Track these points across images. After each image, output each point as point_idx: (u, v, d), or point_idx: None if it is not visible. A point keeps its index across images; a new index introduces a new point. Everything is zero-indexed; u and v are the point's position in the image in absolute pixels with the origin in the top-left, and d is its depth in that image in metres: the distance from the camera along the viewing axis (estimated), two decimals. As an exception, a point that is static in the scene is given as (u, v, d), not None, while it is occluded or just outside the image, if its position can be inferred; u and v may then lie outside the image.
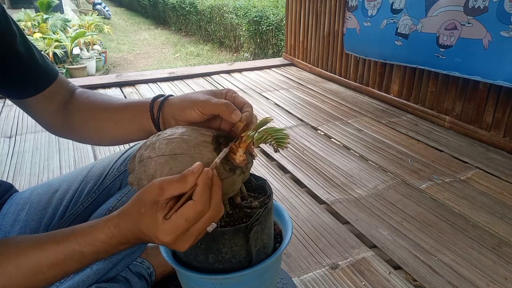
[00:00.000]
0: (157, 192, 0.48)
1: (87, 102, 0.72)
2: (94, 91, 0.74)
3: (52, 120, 0.73)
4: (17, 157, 1.81)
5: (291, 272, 1.09)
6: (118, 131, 0.68)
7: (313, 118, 2.25)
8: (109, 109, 0.69)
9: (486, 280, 1.08)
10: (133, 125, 0.66)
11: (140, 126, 0.65)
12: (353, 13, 2.53)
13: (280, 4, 6.04)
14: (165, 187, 0.48)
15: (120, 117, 0.67)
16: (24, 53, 0.66)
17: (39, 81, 0.69)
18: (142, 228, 0.49)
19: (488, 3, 1.71)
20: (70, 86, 0.75)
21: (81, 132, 0.72)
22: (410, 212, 1.37)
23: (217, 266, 0.60)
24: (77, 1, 11.97)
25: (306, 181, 1.58)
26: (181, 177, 0.48)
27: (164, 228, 0.47)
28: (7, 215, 0.77)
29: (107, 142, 0.72)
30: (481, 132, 1.94)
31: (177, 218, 0.47)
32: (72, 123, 0.72)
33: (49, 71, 0.71)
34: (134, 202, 0.50)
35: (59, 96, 0.72)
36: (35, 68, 0.68)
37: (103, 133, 0.70)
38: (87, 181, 0.82)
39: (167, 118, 0.63)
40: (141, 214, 0.48)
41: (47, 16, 6.51)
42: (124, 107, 0.68)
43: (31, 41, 0.69)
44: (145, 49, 7.79)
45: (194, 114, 0.59)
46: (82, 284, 0.69)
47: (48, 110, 0.72)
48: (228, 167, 0.55)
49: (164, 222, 0.47)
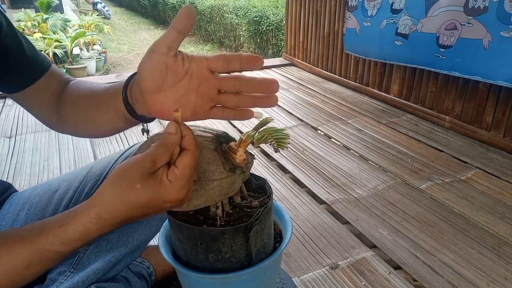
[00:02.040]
0: (150, 165, 0.47)
1: (76, 92, 0.68)
2: (88, 81, 0.70)
3: (48, 114, 0.70)
4: (17, 157, 1.81)
5: (291, 272, 1.09)
6: (100, 118, 0.63)
7: (313, 118, 2.25)
8: (92, 96, 0.64)
9: (486, 280, 1.08)
10: (110, 110, 0.60)
11: (116, 110, 0.59)
12: (353, 13, 2.53)
13: (280, 4, 6.04)
14: (157, 159, 0.47)
15: (99, 102, 0.62)
16: (11, 45, 0.64)
17: (27, 74, 0.66)
18: (144, 202, 0.48)
19: (488, 3, 1.71)
20: (65, 78, 0.71)
21: (72, 124, 0.68)
22: (410, 212, 1.37)
23: (217, 266, 0.60)
24: (77, 1, 11.98)
25: (306, 181, 1.58)
26: (165, 145, 0.48)
27: (175, 186, 0.48)
28: (6, 215, 0.77)
29: (93, 133, 0.67)
30: (481, 132, 1.94)
31: (182, 171, 0.48)
32: (63, 115, 0.69)
33: (39, 63, 0.68)
34: (118, 184, 0.48)
35: (51, 89, 0.69)
36: (23, 61, 0.65)
37: (87, 123, 0.65)
38: (87, 181, 0.82)
39: (135, 94, 0.56)
40: (138, 189, 0.47)
41: (47, 16, 6.50)
42: (104, 92, 0.62)
43: (21, 33, 0.67)
44: (145, 49, 7.69)
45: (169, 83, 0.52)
46: (82, 284, 0.69)
47: (42, 103, 0.69)
48: (228, 167, 0.55)
49: (172, 182, 0.47)
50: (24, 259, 0.49)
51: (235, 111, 0.53)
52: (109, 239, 0.75)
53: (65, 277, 0.70)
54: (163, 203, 0.48)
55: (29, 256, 0.49)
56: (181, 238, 0.60)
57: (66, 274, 0.71)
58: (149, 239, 0.83)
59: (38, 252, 0.49)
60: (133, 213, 0.49)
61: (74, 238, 0.49)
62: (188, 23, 0.47)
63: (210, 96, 0.52)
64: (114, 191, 0.48)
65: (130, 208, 0.48)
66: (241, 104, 0.52)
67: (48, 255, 0.49)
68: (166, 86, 0.50)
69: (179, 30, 0.47)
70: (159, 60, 0.49)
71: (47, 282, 0.70)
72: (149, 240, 0.83)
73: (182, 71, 0.50)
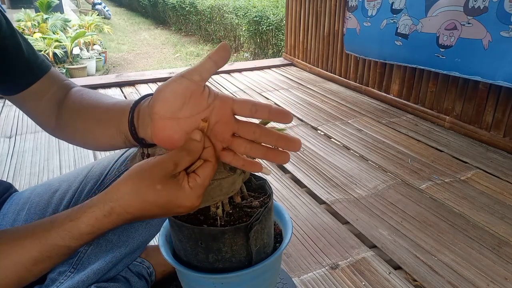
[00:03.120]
0: (172, 168, 0.48)
1: (79, 100, 0.66)
2: (93, 91, 0.69)
3: (45, 118, 0.69)
4: (17, 157, 1.81)
5: (291, 272, 1.09)
6: (99, 132, 0.61)
7: (313, 118, 2.26)
8: (96, 108, 0.62)
9: (486, 280, 1.08)
10: (111, 126, 0.58)
11: (118, 128, 0.57)
12: (353, 13, 2.53)
13: (280, 4, 6.04)
14: (180, 163, 0.48)
15: (102, 116, 0.61)
16: (9, 46, 0.63)
17: (24, 77, 0.65)
18: (161, 203, 0.48)
19: (488, 3, 1.71)
20: (65, 83, 0.70)
21: (71, 132, 0.67)
22: (410, 212, 1.37)
23: (217, 266, 0.60)
24: (77, 1, 11.98)
25: (306, 181, 1.58)
26: (188, 150, 0.48)
27: (194, 193, 0.49)
28: (6, 215, 0.77)
29: (91, 145, 0.65)
30: (481, 132, 1.94)
31: (203, 180, 0.49)
32: (63, 123, 0.67)
33: (38, 65, 0.67)
34: (137, 182, 0.48)
35: (49, 93, 0.68)
36: (21, 63, 0.64)
37: (86, 134, 0.63)
38: (87, 181, 0.82)
39: (143, 115, 0.54)
40: (158, 190, 0.48)
41: (47, 16, 6.51)
42: (110, 106, 0.60)
43: (21, 34, 0.66)
44: (145, 49, 7.79)
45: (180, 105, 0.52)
46: (82, 284, 0.69)
47: (40, 107, 0.68)
48: (228, 167, 0.55)
49: (192, 189, 0.49)
50: (33, 255, 0.49)
51: (244, 161, 0.51)
52: (109, 239, 0.75)
53: (65, 277, 0.70)
54: (177, 207, 0.49)
55: (39, 251, 0.49)
56: (181, 238, 0.60)
57: (66, 274, 0.71)
58: (149, 239, 0.83)
59: (47, 248, 0.49)
60: (146, 212, 0.49)
61: (86, 231, 0.49)
62: (224, 55, 0.47)
63: (223, 137, 0.50)
64: (132, 188, 0.48)
65: (145, 207, 0.49)
66: (252, 153, 0.50)
67: (58, 250, 0.50)
68: (182, 115, 0.48)
69: (215, 61, 0.47)
70: (187, 86, 0.47)
71: (47, 282, 0.70)
72: (149, 240, 0.83)
73: (204, 104, 0.48)
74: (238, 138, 0.50)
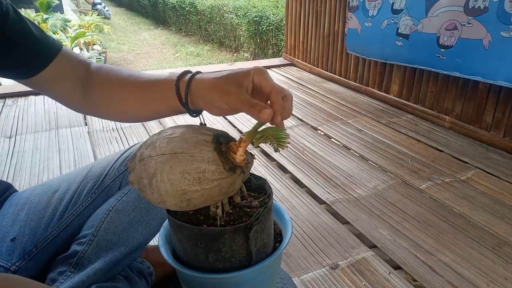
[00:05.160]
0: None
1: (106, 79, 0.68)
2: (111, 66, 0.70)
3: (70, 97, 0.70)
4: (17, 157, 1.81)
5: (291, 272, 1.09)
6: (145, 111, 0.67)
7: (313, 118, 2.25)
8: (133, 88, 0.66)
9: (486, 280, 1.08)
10: (159, 105, 0.64)
11: (167, 106, 0.63)
12: (354, 14, 2.53)
13: (280, 4, 6.04)
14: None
15: (146, 97, 0.65)
16: (20, 30, 0.64)
17: (41, 57, 0.66)
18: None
19: (488, 3, 1.71)
20: (82, 60, 0.71)
21: (104, 111, 0.70)
22: (410, 212, 1.37)
23: (217, 265, 0.60)
24: (77, 1, 11.98)
25: (306, 181, 1.58)
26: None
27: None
28: (6, 215, 0.77)
29: (132, 120, 0.73)
30: (481, 132, 1.94)
31: None
32: (93, 102, 0.69)
33: (51, 45, 0.67)
34: None
35: (68, 71, 0.69)
36: (35, 44, 0.65)
37: (128, 113, 0.69)
38: (87, 181, 0.82)
39: (195, 100, 0.59)
40: None
41: (47, 16, 6.51)
42: (149, 86, 0.65)
43: (28, 19, 0.66)
44: (145, 49, 7.79)
45: (223, 106, 0.56)
46: (82, 284, 0.69)
47: (61, 87, 0.69)
48: (228, 167, 0.55)
49: None
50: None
51: None
52: (109, 239, 0.75)
53: (65, 277, 0.70)
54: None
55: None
56: (181, 238, 0.60)
57: (66, 274, 0.71)
58: (149, 239, 0.83)
59: None
60: None
61: None
62: None
63: None
64: None
65: None
66: None
67: None
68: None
69: None
70: (224, 109, 0.56)
71: (47, 282, 0.70)
72: (149, 240, 0.83)
73: None
74: None
